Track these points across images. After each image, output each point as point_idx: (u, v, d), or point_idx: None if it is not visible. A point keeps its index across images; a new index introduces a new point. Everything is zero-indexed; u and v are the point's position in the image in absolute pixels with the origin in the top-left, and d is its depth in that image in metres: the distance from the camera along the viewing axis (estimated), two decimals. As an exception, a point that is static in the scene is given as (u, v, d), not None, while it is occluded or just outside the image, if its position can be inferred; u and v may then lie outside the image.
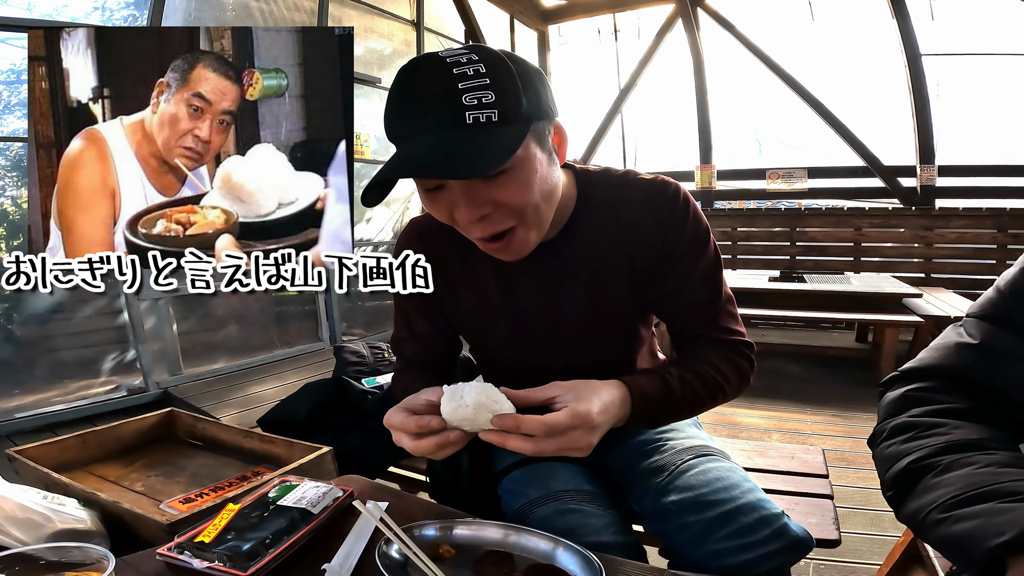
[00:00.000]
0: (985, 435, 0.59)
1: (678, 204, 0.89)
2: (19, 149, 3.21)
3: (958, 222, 5.74)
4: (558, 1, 7.81)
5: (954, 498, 0.53)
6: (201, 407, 2.82)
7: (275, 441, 1.21)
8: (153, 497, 1.08)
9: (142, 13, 3.55)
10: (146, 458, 1.27)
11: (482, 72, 0.71)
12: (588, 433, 0.70)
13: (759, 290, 3.97)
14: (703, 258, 0.90)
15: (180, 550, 0.65)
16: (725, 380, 0.89)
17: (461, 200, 0.75)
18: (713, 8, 7.09)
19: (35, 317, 3.05)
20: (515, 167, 0.74)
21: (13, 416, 2.86)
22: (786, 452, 1.28)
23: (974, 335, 0.67)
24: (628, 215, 0.89)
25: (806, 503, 1.07)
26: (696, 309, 0.92)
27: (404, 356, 1.04)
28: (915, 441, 0.62)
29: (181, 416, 1.38)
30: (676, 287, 0.91)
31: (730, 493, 0.82)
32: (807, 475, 1.17)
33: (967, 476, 0.54)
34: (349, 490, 0.81)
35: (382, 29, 5.31)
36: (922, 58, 6.18)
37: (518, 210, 0.77)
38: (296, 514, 0.72)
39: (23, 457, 1.11)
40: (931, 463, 0.58)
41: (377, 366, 1.57)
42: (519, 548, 0.69)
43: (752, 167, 7.50)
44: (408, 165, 0.73)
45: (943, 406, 0.64)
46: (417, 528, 0.71)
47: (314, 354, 4.16)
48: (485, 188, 0.74)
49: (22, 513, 0.85)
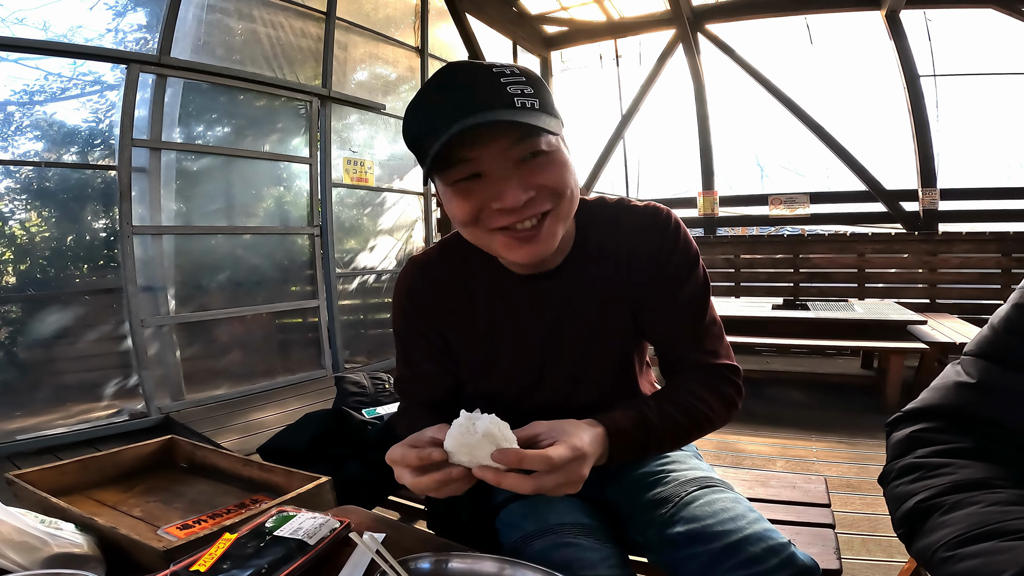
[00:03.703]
0: (990, 473, 0.60)
1: (670, 228, 0.92)
2: (28, 172, 3.25)
3: (961, 246, 5.73)
4: (560, 28, 7.95)
5: (958, 537, 0.53)
6: (202, 433, 2.82)
7: (274, 470, 1.21)
8: (151, 523, 1.07)
9: (153, 36, 3.64)
10: (145, 484, 1.27)
11: (518, 74, 0.78)
12: (585, 465, 0.70)
13: (763, 318, 3.97)
14: (691, 281, 0.92)
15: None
16: (709, 409, 0.89)
17: (510, 182, 0.77)
18: (713, 33, 7.20)
19: (40, 341, 3.08)
20: (554, 152, 0.80)
21: (15, 438, 2.87)
22: (788, 482, 1.27)
23: (972, 374, 0.68)
24: (625, 240, 0.92)
25: (808, 532, 1.06)
26: (682, 331, 0.93)
27: (408, 396, 1.04)
28: (922, 481, 0.63)
29: (181, 443, 1.38)
30: (664, 307, 0.93)
31: (736, 524, 0.82)
32: (809, 504, 1.16)
33: (972, 515, 0.55)
34: (346, 521, 0.80)
35: (387, 56, 5.42)
36: (920, 79, 6.23)
37: (557, 192, 0.80)
38: (292, 545, 0.72)
39: (22, 481, 1.11)
40: (938, 503, 0.59)
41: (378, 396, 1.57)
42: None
43: (754, 192, 7.54)
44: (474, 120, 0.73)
45: (948, 446, 0.65)
46: (413, 561, 0.70)
47: (316, 381, 4.16)
48: (528, 171, 0.78)
49: (19, 536, 0.85)
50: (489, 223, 0.81)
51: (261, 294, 4.15)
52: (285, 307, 4.33)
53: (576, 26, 7.85)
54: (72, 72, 3.49)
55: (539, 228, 0.81)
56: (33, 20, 3.28)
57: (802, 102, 6.77)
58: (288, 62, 4.33)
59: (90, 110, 3.57)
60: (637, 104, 7.72)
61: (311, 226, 4.42)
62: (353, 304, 4.90)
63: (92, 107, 3.58)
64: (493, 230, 0.81)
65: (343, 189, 4.77)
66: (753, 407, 3.55)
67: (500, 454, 0.66)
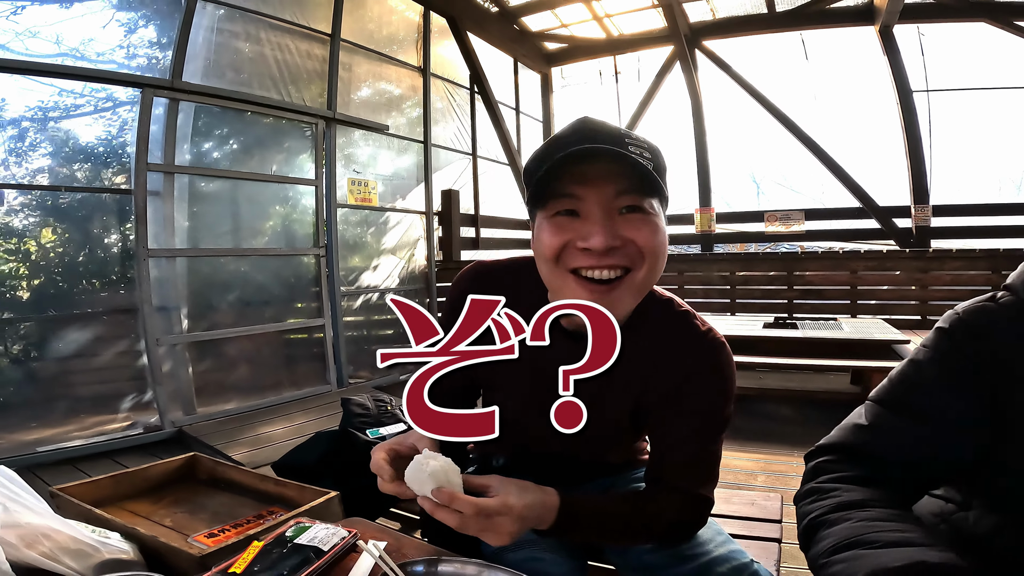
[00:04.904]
0: (869, 496, 0.74)
1: (723, 372, 0.92)
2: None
3: (952, 264, 5.81)
4: (560, 44, 8.09)
5: (833, 547, 0.68)
6: (214, 446, 2.95)
7: (288, 484, 1.35)
8: (180, 531, 1.21)
9: (164, 53, 3.77)
10: (171, 496, 1.41)
11: (642, 142, 0.83)
12: (512, 522, 0.77)
13: (753, 337, 4.10)
14: (712, 422, 0.92)
15: (214, 580, 0.79)
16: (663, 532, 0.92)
17: (600, 226, 0.80)
18: (710, 49, 7.29)
19: (61, 358, 3.23)
20: (652, 214, 0.83)
21: (36, 450, 3.00)
22: (748, 499, 1.41)
23: (867, 416, 0.85)
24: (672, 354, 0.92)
25: (756, 546, 1.20)
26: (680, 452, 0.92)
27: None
28: (816, 503, 0.77)
29: (202, 460, 1.52)
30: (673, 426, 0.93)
31: (705, 548, 0.94)
32: (761, 520, 1.30)
33: (845, 529, 0.69)
34: (354, 531, 0.94)
35: (389, 75, 5.55)
36: (914, 95, 6.31)
37: (642, 252, 0.82)
38: (310, 552, 0.86)
39: (65, 494, 1.25)
40: (824, 519, 0.73)
41: (380, 417, 1.71)
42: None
43: (750, 209, 7.65)
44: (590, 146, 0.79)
45: (839, 474, 0.81)
46: (410, 565, 0.84)
47: (321, 396, 4.28)
48: (623, 223, 0.81)
49: (74, 544, 0.99)
50: (569, 262, 0.83)
51: (269, 312, 4.31)
52: (292, 325, 4.49)
53: (576, 43, 7.99)
54: (83, 87, 3.53)
55: (614, 287, 0.82)
56: (46, 34, 3.37)
57: (797, 118, 6.87)
58: (294, 83, 4.48)
59: (103, 126, 3.67)
60: (636, 121, 7.83)
61: (317, 247, 4.57)
62: (357, 321, 5.03)
63: (105, 123, 3.68)
64: (570, 270, 0.83)
65: (347, 209, 4.92)
66: (744, 424, 3.67)
67: (437, 492, 0.76)
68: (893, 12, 6.07)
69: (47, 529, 0.99)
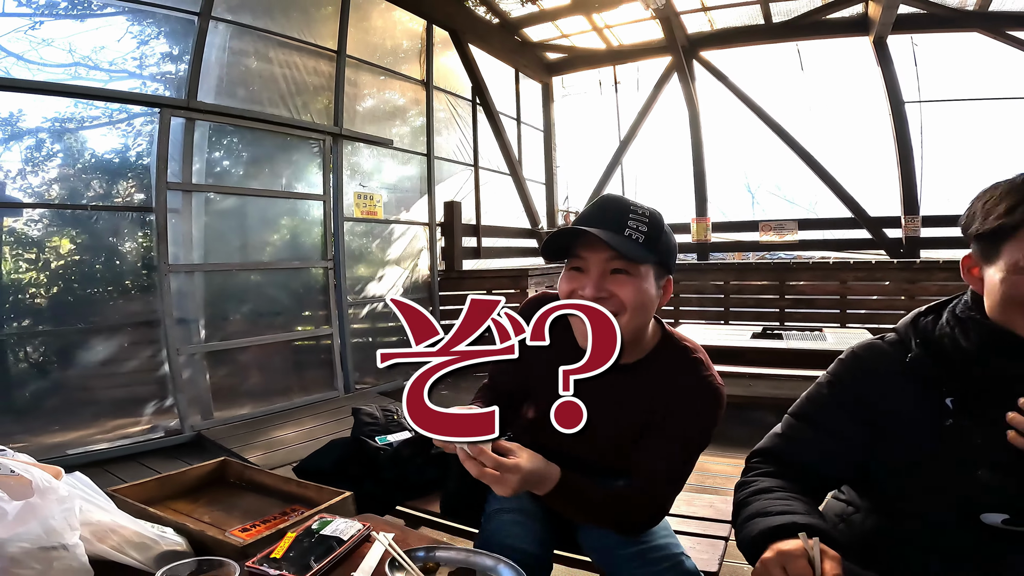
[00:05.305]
0: (776, 485, 0.97)
1: (706, 406, 1.14)
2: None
3: (939, 274, 5.91)
4: (561, 54, 8.23)
5: (744, 518, 0.92)
6: (231, 449, 3.16)
7: (308, 486, 1.56)
8: (218, 526, 1.42)
9: (178, 68, 3.94)
10: (207, 497, 1.62)
11: (642, 213, 1.10)
12: (518, 480, 0.97)
13: (741, 348, 4.30)
14: (686, 448, 1.14)
15: (260, 563, 1.01)
16: (627, 520, 1.14)
17: (593, 279, 1.08)
18: (707, 60, 7.41)
19: (89, 367, 3.45)
20: (635, 276, 1.09)
21: (65, 452, 3.21)
22: (707, 502, 1.62)
23: (784, 427, 1.06)
24: (673, 383, 1.14)
25: (705, 543, 1.41)
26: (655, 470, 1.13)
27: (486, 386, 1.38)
28: (741, 492, 1.01)
29: (232, 464, 1.74)
30: (654, 449, 1.14)
31: (648, 536, 1.19)
32: (714, 520, 1.51)
33: (753, 507, 0.93)
34: (368, 525, 1.15)
35: (394, 89, 5.73)
36: (906, 105, 6.42)
37: (623, 304, 1.08)
38: (333, 541, 1.07)
39: (120, 495, 1.46)
40: (743, 502, 0.97)
41: (388, 426, 1.92)
42: (475, 565, 1.04)
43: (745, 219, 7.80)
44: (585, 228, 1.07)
45: (761, 471, 1.04)
46: (413, 551, 1.06)
47: (329, 401, 4.48)
48: (611, 280, 1.08)
49: (138, 539, 1.18)
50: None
51: (280, 322, 4.54)
52: (301, 334, 4.72)
53: (576, 53, 8.11)
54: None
55: None
56: (61, 44, 3.52)
57: (792, 129, 6.99)
58: (302, 99, 4.67)
59: (119, 137, 3.83)
60: (634, 131, 7.97)
61: (325, 259, 4.79)
62: (363, 329, 5.23)
63: (121, 135, 3.83)
64: None
65: (353, 222, 5.12)
66: (731, 431, 3.82)
67: (471, 446, 0.95)
68: (886, 23, 6.17)
69: (114, 525, 1.19)
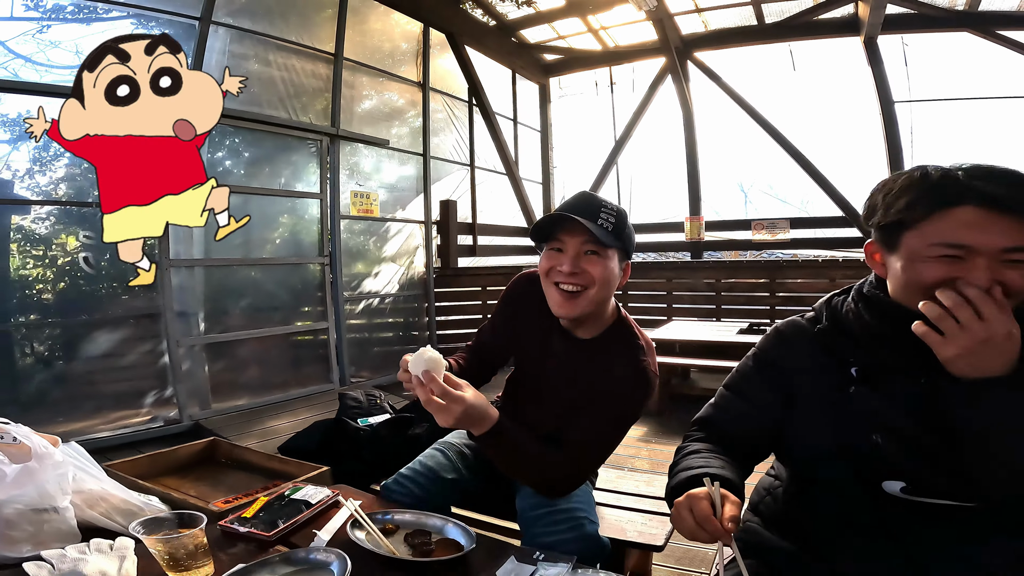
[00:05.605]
0: (704, 448, 1.07)
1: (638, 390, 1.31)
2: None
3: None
4: (557, 56, 8.30)
5: (671, 476, 1.03)
6: (227, 438, 3.27)
7: (289, 462, 1.67)
8: (203, 500, 1.53)
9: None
10: (196, 473, 1.74)
11: (613, 212, 1.30)
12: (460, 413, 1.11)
13: (727, 343, 4.39)
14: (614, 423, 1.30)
15: (232, 522, 1.11)
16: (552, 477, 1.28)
17: (570, 257, 1.29)
18: (701, 60, 7.46)
19: (92, 358, 3.57)
20: (603, 257, 1.29)
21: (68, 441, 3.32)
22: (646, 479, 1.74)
23: (716, 398, 1.16)
24: (615, 365, 1.32)
25: (656, 520, 1.50)
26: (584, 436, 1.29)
27: (470, 347, 1.62)
28: (678, 455, 1.11)
29: (221, 443, 1.85)
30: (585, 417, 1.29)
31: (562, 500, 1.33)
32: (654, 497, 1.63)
33: (681, 465, 1.04)
34: (337, 492, 1.26)
35: (391, 91, 5.82)
36: (896, 105, 6.46)
37: (593, 280, 1.29)
38: (302, 504, 1.18)
39: (114, 469, 1.58)
40: (676, 463, 1.08)
41: (371, 409, 2.03)
42: (427, 526, 1.14)
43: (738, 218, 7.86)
44: (570, 215, 1.26)
45: (695, 436, 1.15)
46: (373, 515, 1.16)
47: (324, 394, 4.60)
48: (585, 260, 1.29)
49: (124, 506, 1.30)
50: (552, 278, 1.32)
51: (277, 317, 4.65)
52: (298, 328, 4.84)
53: (573, 54, 8.18)
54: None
55: (575, 296, 1.30)
56: (67, 46, 3.63)
57: (784, 128, 7.02)
58: (300, 101, 4.78)
59: None
60: (629, 131, 8.04)
61: (321, 256, 4.90)
62: (359, 324, 5.33)
63: None
64: (552, 284, 1.32)
65: (350, 220, 5.23)
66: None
67: (424, 373, 1.11)
68: (875, 24, 6.19)
69: (104, 493, 1.30)
